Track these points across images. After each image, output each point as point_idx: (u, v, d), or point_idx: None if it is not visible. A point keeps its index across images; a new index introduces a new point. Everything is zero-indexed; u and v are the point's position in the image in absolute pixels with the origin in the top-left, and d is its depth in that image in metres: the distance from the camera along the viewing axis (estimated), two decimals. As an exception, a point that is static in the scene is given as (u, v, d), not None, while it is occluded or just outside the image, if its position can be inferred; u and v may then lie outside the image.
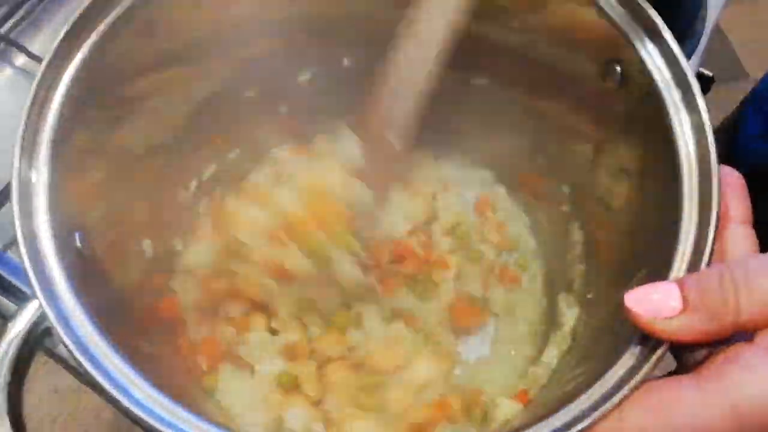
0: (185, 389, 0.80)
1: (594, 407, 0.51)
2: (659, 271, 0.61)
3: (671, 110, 0.65)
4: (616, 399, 0.51)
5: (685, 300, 0.50)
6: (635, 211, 0.76)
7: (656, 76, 0.68)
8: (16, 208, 0.57)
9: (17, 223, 0.57)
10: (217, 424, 0.54)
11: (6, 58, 1.30)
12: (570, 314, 0.92)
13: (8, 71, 1.31)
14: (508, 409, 0.86)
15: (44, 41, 1.29)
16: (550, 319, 0.95)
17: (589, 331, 0.82)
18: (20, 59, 1.30)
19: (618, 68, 0.74)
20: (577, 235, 0.94)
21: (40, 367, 1.05)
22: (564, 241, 0.98)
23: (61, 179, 0.63)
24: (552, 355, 0.91)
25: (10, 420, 0.55)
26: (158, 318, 0.85)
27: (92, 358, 0.55)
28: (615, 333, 0.68)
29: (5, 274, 1.10)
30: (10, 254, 1.14)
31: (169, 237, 0.94)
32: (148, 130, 0.84)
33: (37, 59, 1.24)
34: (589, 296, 0.86)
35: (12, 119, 1.26)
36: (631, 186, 0.77)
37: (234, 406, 0.85)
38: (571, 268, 0.96)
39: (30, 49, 1.26)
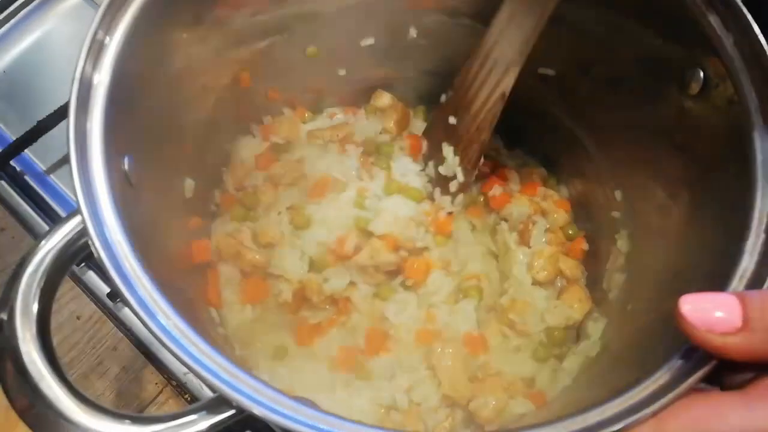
0: (205, 329, 0.79)
1: (630, 411, 0.49)
2: (712, 289, 0.57)
3: (756, 130, 0.61)
4: (656, 406, 0.48)
5: (746, 318, 0.47)
6: (693, 224, 0.72)
7: (744, 84, 0.64)
8: (72, 118, 0.56)
9: (71, 134, 0.56)
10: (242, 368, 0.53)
11: (74, -15, 1.31)
12: (597, 326, 0.90)
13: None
14: (521, 407, 0.85)
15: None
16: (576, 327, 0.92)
17: (621, 342, 0.79)
18: (87, -13, 1.30)
19: (701, 73, 0.70)
20: (623, 243, 0.91)
21: (67, 292, 1.06)
22: (607, 249, 0.94)
23: (121, 95, 0.62)
24: (574, 362, 0.88)
25: (37, 327, 0.54)
26: (189, 260, 0.84)
27: (124, 277, 0.54)
28: (650, 345, 0.66)
29: (44, 195, 1.12)
30: (53, 178, 1.16)
31: (210, 183, 0.93)
32: (208, 67, 0.83)
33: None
34: (628, 307, 0.82)
35: (71, 46, 1.29)
36: (694, 199, 0.73)
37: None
38: (609, 277, 0.93)
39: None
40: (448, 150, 0.95)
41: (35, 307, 0.53)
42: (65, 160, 1.15)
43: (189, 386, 0.97)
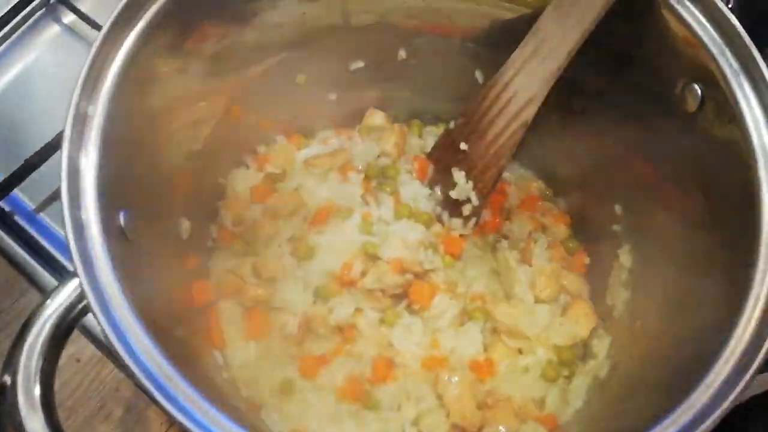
0: (208, 376, 0.78)
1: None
2: (724, 315, 0.57)
3: (758, 153, 0.61)
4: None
5: None
6: (698, 245, 0.72)
7: (742, 104, 0.64)
8: (64, 189, 0.55)
9: (65, 209, 0.54)
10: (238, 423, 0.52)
11: (55, 16, 1.28)
12: (602, 344, 0.90)
13: (55, 29, 1.28)
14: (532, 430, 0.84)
15: (94, 1, 1.27)
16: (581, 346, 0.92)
17: (633, 363, 0.78)
18: (69, 17, 1.28)
19: (698, 88, 0.69)
20: (626, 258, 0.90)
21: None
22: (609, 263, 0.94)
23: (109, 145, 0.60)
24: (582, 382, 0.88)
25: (41, 398, 0.53)
26: (191, 303, 0.83)
27: (126, 344, 0.53)
28: (667, 369, 0.66)
29: (35, 234, 1.09)
30: (43, 216, 1.13)
31: (206, 219, 0.92)
32: (197, 100, 0.82)
33: (87, 19, 1.22)
34: (636, 324, 0.82)
35: (56, 77, 1.27)
36: (697, 217, 0.72)
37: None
38: (613, 292, 0.92)
39: (80, 8, 1.25)
40: (459, 175, 0.94)
41: (37, 388, 0.51)
42: (55, 196, 1.16)
43: (195, 423, 0.95)
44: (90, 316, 0.98)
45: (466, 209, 0.95)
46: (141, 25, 0.62)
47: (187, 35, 0.72)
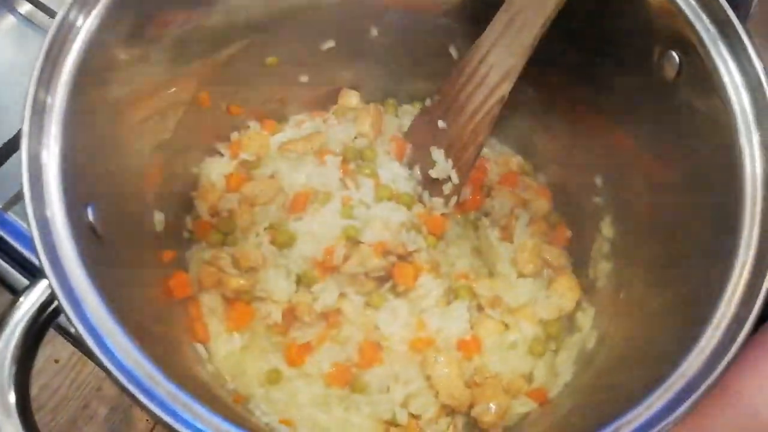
0: (191, 370, 0.76)
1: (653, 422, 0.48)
2: (711, 281, 0.57)
3: (739, 120, 0.60)
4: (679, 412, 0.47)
5: None
6: (681, 214, 0.71)
7: (721, 69, 0.63)
8: (26, 186, 0.52)
9: (29, 206, 0.52)
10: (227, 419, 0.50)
11: (9, 6, 1.23)
12: (586, 316, 0.90)
13: (10, 20, 1.23)
14: (524, 406, 0.84)
15: (50, -11, 1.22)
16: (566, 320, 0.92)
17: (620, 334, 0.78)
18: (25, 7, 1.23)
19: (676, 55, 0.68)
20: (607, 230, 0.90)
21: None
22: (591, 236, 0.94)
23: (72, 138, 0.58)
24: (568, 355, 0.88)
25: (17, 404, 0.51)
26: (170, 297, 0.81)
27: (103, 345, 0.50)
28: (655, 339, 0.65)
29: (4, 235, 1.06)
30: (11, 215, 1.10)
31: (181, 211, 0.90)
32: (162, 87, 0.79)
33: (44, 8, 1.17)
34: (621, 296, 0.82)
35: (12, 70, 1.22)
36: (679, 186, 0.72)
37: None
38: (596, 265, 0.92)
39: (35, -4, 1.20)
40: (438, 153, 0.93)
41: (11, 395, 0.49)
42: (21, 194, 1.12)
43: (181, 419, 0.93)
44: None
45: (447, 188, 0.94)
46: (98, 10, 0.59)
47: (148, 20, 0.69)
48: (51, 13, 1.17)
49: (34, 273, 0.99)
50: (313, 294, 0.88)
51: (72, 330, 0.95)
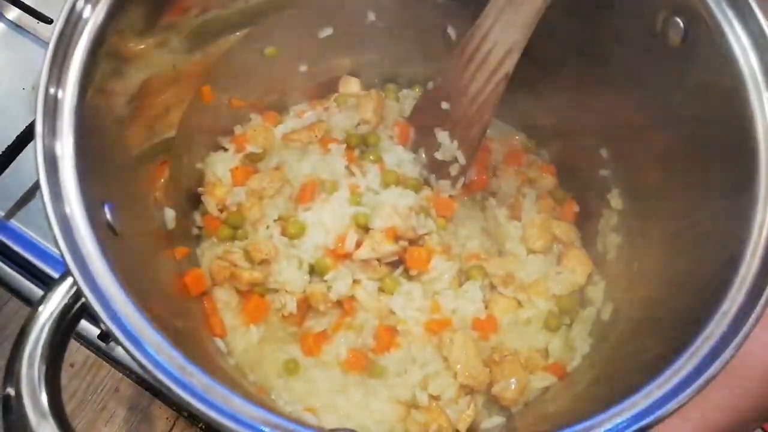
0: (216, 363, 0.76)
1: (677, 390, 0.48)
2: (727, 245, 0.57)
3: (749, 81, 0.60)
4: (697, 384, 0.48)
5: None
6: (690, 183, 0.71)
7: (728, 32, 0.63)
8: (44, 182, 0.52)
9: (48, 205, 0.51)
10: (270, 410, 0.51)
11: (-3, 11, 1.21)
12: (597, 289, 0.90)
13: None
14: (543, 381, 0.85)
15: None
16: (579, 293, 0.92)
17: (636, 305, 0.78)
18: (12, 12, 1.21)
19: (680, 21, 0.68)
20: (616, 202, 0.90)
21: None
22: (598, 209, 0.94)
23: (85, 134, 0.57)
24: (582, 328, 0.89)
25: (50, 405, 0.51)
26: (186, 294, 0.81)
27: (134, 340, 0.50)
28: (674, 308, 0.66)
29: (10, 243, 1.05)
30: (15, 222, 1.09)
31: (189, 207, 0.90)
32: (167, 83, 0.78)
33: (33, 12, 1.16)
34: (634, 267, 0.82)
35: (5, 78, 1.20)
36: (689, 156, 0.72)
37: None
38: (605, 237, 0.93)
39: (24, 1, 1.17)
40: (443, 135, 0.93)
41: (44, 396, 0.49)
42: (24, 200, 1.11)
43: (202, 415, 0.94)
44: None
45: (453, 169, 0.94)
46: (105, 1, 0.58)
47: (156, 10, 0.68)
48: (41, 17, 1.15)
49: (44, 281, 0.98)
50: (327, 282, 0.88)
51: (89, 332, 0.95)
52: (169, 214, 0.81)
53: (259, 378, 0.85)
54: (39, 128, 0.53)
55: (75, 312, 0.54)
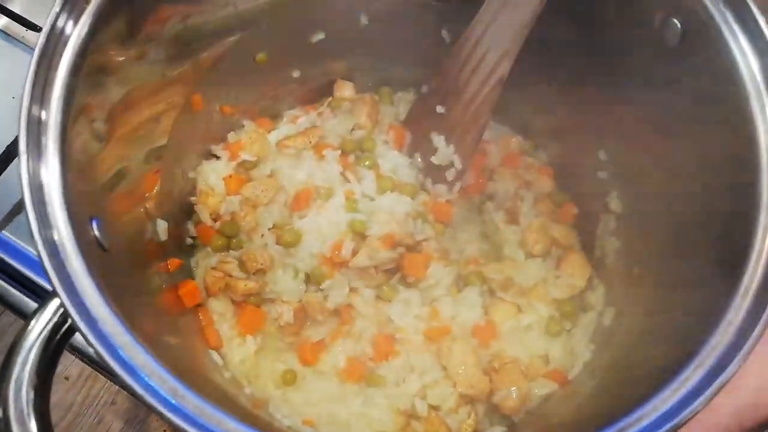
0: (209, 379, 0.75)
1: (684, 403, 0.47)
2: (732, 249, 0.56)
3: (748, 84, 0.59)
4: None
5: None
6: (693, 180, 0.70)
7: (725, 32, 0.62)
8: (30, 208, 0.50)
9: (33, 225, 0.50)
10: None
11: (-16, 20, 1.20)
12: (597, 294, 0.89)
13: (-13, 34, 1.21)
14: (544, 388, 0.83)
15: (25, 1, 1.19)
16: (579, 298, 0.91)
17: (638, 310, 0.77)
18: (0, 21, 1.19)
19: (677, 22, 0.67)
20: (615, 205, 0.89)
21: (48, 354, 0.99)
22: (597, 212, 0.93)
23: (70, 152, 0.55)
24: (583, 333, 0.87)
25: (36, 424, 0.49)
26: (180, 307, 0.79)
27: (124, 363, 0.49)
28: (678, 312, 0.65)
29: (12, 262, 1.03)
30: (7, 234, 1.07)
31: (182, 218, 0.88)
32: (156, 91, 0.77)
33: (21, 20, 1.14)
34: (634, 271, 0.81)
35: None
36: (689, 161, 0.70)
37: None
38: (603, 241, 0.91)
39: (11, 8, 1.16)
40: (438, 139, 0.92)
41: (32, 422, 0.48)
42: (15, 211, 1.09)
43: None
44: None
45: (450, 174, 0.93)
46: (87, 15, 0.57)
47: (139, 21, 0.67)
48: (29, 24, 1.13)
49: (37, 293, 0.97)
50: (324, 291, 0.87)
51: (84, 345, 0.94)
52: (161, 226, 0.80)
53: (256, 390, 0.84)
54: (22, 147, 0.52)
55: (65, 331, 0.53)
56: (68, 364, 0.97)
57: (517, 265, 0.92)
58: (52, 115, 0.55)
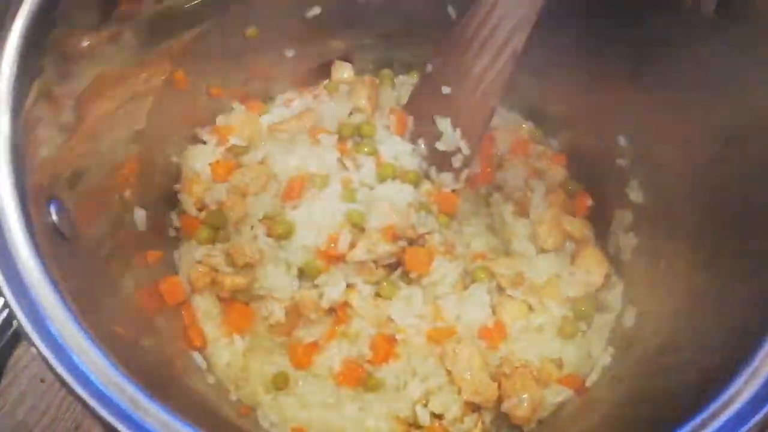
0: (188, 385, 0.68)
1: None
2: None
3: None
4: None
5: None
6: (724, 164, 0.63)
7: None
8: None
9: None
10: None
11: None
12: (615, 292, 0.83)
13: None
14: (558, 395, 0.77)
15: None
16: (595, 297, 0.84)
17: (665, 309, 0.70)
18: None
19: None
20: (635, 195, 0.82)
21: (23, 355, 0.92)
22: (615, 203, 0.86)
23: (24, 128, 0.49)
24: (599, 335, 0.81)
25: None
26: (161, 304, 0.73)
27: (78, 372, 0.42)
28: (719, 311, 0.58)
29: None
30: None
31: (164, 206, 0.82)
32: (132, 70, 0.71)
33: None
34: (660, 266, 0.74)
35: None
36: (717, 135, 0.64)
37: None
38: (619, 237, 0.85)
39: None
40: (443, 123, 0.85)
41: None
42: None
43: None
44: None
45: (456, 160, 0.86)
46: None
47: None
48: None
49: None
50: (318, 288, 0.81)
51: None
52: (139, 215, 0.73)
53: (244, 395, 0.77)
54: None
55: (6, 341, 0.46)
56: (44, 366, 0.90)
57: (527, 260, 0.86)
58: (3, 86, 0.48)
